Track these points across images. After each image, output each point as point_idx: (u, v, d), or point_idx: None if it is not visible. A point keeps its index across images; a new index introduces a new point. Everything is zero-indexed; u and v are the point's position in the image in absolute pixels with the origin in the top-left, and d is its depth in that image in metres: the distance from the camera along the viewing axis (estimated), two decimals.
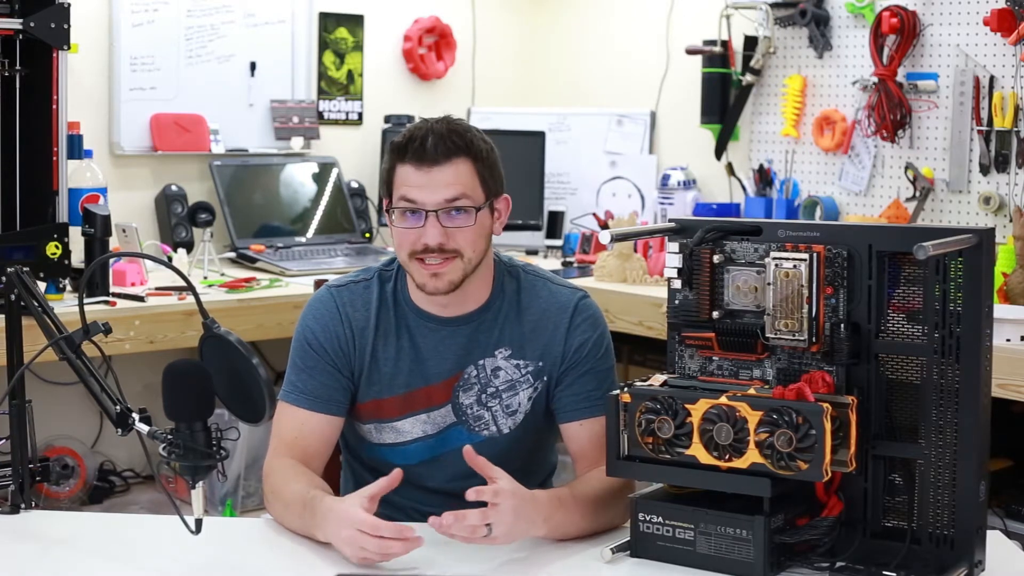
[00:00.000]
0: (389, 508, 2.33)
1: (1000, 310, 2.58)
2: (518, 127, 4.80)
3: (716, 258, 2.02)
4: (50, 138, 3.41)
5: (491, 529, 1.96)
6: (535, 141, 4.73)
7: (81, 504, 4.08)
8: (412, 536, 1.95)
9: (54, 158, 3.41)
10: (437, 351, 2.29)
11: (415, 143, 2.19)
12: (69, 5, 3.38)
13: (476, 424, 2.30)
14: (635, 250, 4.01)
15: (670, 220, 2.10)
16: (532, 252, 4.70)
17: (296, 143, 4.63)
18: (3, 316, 2.29)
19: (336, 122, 4.79)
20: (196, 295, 1.94)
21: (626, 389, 1.99)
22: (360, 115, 4.84)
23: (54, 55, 3.38)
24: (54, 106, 3.40)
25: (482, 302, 2.30)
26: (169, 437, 1.87)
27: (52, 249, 3.38)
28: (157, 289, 3.65)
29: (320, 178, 4.62)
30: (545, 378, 2.29)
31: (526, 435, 2.31)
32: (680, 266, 2.03)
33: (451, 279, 2.21)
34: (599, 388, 2.25)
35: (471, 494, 1.98)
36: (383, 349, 2.29)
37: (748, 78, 4.37)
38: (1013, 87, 3.71)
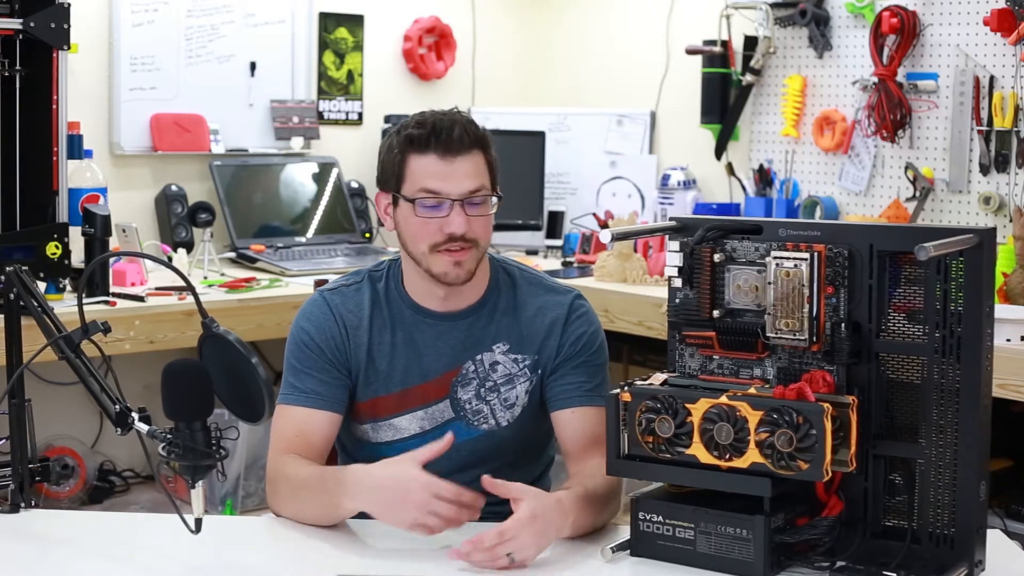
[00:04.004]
0: None
1: (1000, 310, 2.57)
2: (518, 127, 4.80)
3: (717, 257, 2.01)
4: (50, 138, 3.41)
5: (512, 558, 1.95)
6: (535, 141, 4.73)
7: (81, 504, 4.08)
8: (479, 504, 2.00)
9: (54, 158, 3.42)
10: (435, 346, 2.30)
11: (440, 134, 2.21)
12: (69, 5, 3.38)
13: (475, 418, 2.31)
14: (635, 250, 4.01)
15: (671, 219, 2.10)
16: (532, 252, 4.70)
17: (296, 143, 4.63)
18: (2, 316, 2.29)
19: (336, 122, 4.79)
20: (195, 295, 1.93)
21: (626, 388, 1.99)
22: (360, 115, 4.84)
23: (54, 55, 3.38)
24: (54, 106, 3.40)
25: (478, 297, 2.32)
26: (169, 437, 1.86)
27: (52, 249, 3.38)
28: (157, 289, 3.65)
29: (320, 178, 4.62)
30: (540, 371, 2.31)
31: (524, 428, 2.33)
32: (681, 265, 2.03)
33: (469, 268, 2.25)
34: (591, 380, 2.29)
35: (466, 545, 1.95)
36: (378, 347, 2.30)
37: (748, 78, 4.37)
38: (1013, 87, 3.71)
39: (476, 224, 2.23)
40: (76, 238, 3.51)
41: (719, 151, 4.50)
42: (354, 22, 4.81)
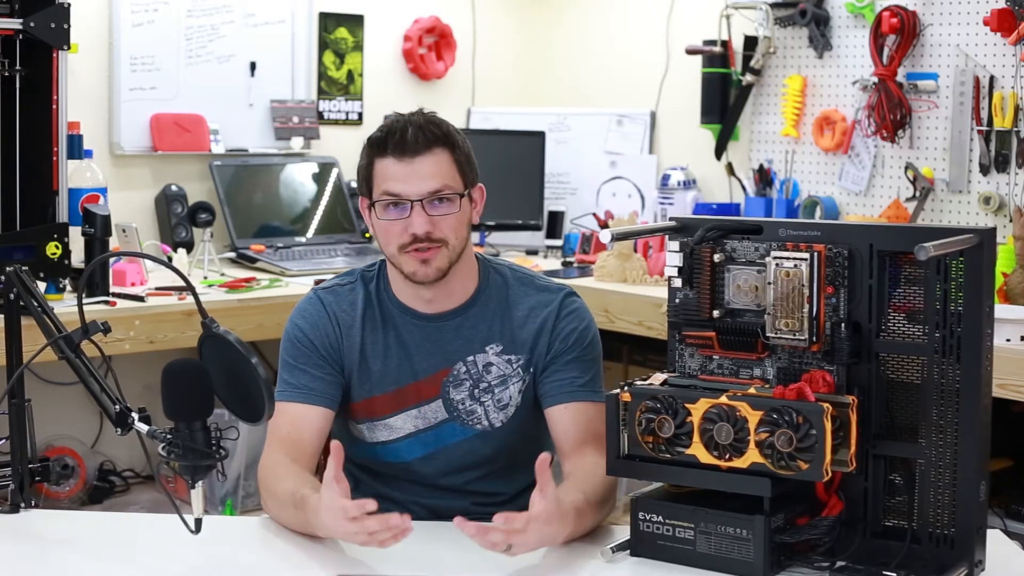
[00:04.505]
0: (389, 503, 2.34)
1: (1000, 310, 2.57)
2: (518, 127, 4.80)
3: (717, 257, 2.01)
4: (50, 138, 3.41)
5: (511, 548, 1.94)
6: (535, 141, 4.73)
7: (81, 504, 4.08)
8: (374, 509, 1.92)
9: (54, 158, 3.42)
10: (424, 347, 2.30)
11: (395, 136, 2.22)
12: (69, 5, 3.38)
13: (469, 419, 2.31)
14: (635, 250, 4.01)
15: (671, 219, 2.09)
16: (532, 252, 4.70)
17: (296, 143, 4.63)
18: (2, 316, 2.29)
19: (336, 122, 4.79)
20: (195, 295, 1.93)
21: (626, 388, 1.99)
22: (360, 115, 4.84)
23: (54, 55, 3.38)
24: (54, 106, 3.40)
25: (467, 297, 2.32)
26: (168, 437, 1.86)
27: (52, 249, 3.38)
28: (157, 289, 3.65)
29: (320, 178, 4.62)
30: (532, 369, 2.31)
31: (518, 428, 2.33)
32: (681, 265, 2.03)
33: (439, 266, 2.24)
34: (583, 375, 2.28)
35: (499, 519, 1.93)
36: (371, 346, 2.31)
37: (748, 78, 4.37)
38: (1013, 87, 3.71)
39: (442, 223, 2.22)
40: (76, 238, 3.51)
41: (719, 151, 4.50)
42: (354, 22, 4.81)
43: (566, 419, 2.27)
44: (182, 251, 4.15)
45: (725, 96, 4.45)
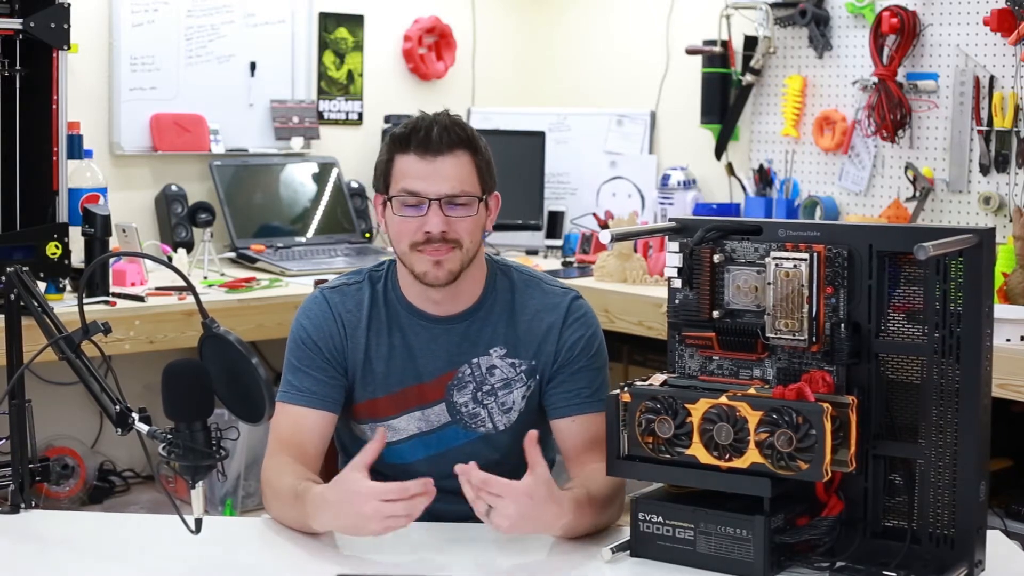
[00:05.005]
0: None
1: (1000, 310, 2.57)
2: (518, 127, 4.80)
3: (716, 257, 2.01)
4: (50, 138, 3.41)
5: (490, 514, 1.96)
6: (535, 141, 4.73)
7: (81, 504, 4.08)
8: (431, 487, 1.97)
9: (54, 158, 3.42)
10: (429, 349, 2.30)
11: (419, 133, 2.21)
12: (69, 5, 3.39)
13: (472, 422, 2.31)
14: (635, 250, 4.01)
15: (670, 219, 2.10)
16: (532, 252, 4.70)
17: (296, 143, 4.63)
18: (3, 316, 2.30)
19: (336, 122, 4.79)
20: (196, 295, 1.93)
21: (626, 389, 1.99)
22: (360, 115, 4.84)
23: (54, 55, 3.38)
24: (54, 106, 3.40)
25: (474, 300, 2.31)
26: (169, 437, 1.87)
27: (52, 249, 3.38)
28: (157, 289, 3.65)
29: (320, 178, 4.63)
30: (537, 376, 2.30)
31: (521, 432, 2.30)
32: (680, 265, 2.03)
33: (451, 268, 2.23)
34: (590, 385, 2.28)
35: (460, 470, 1.99)
36: (376, 347, 2.30)
37: (748, 78, 4.37)
38: (1013, 87, 3.71)
39: (458, 225, 2.21)
40: (76, 238, 3.51)
41: (719, 151, 4.50)
42: (354, 22, 4.81)
43: (573, 431, 2.26)
44: (182, 251, 4.15)
45: (725, 96, 4.45)
